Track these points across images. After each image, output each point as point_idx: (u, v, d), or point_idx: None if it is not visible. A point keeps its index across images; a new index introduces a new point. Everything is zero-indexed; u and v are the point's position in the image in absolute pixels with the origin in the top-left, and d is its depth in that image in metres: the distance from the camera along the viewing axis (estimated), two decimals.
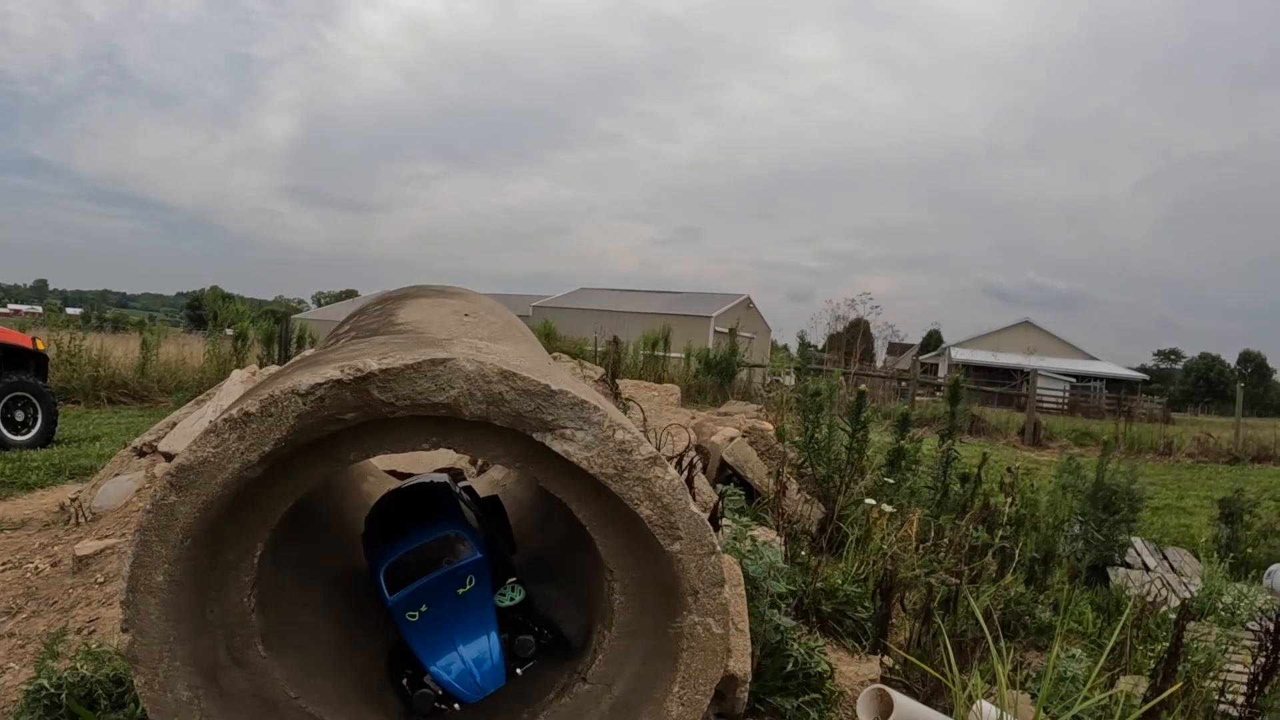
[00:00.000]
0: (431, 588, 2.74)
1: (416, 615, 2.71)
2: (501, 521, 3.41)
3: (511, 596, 2.88)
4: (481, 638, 2.69)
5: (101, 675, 2.96)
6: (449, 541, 2.83)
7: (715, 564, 2.26)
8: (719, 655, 2.34)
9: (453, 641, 2.68)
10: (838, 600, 4.30)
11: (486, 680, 2.65)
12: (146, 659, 1.96)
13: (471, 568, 2.79)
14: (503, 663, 2.69)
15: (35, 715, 2.87)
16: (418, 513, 2.98)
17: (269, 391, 1.95)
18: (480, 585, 2.79)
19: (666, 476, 2.18)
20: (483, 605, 2.77)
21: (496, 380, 2.08)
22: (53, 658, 3.25)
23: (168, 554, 1.94)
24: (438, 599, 2.74)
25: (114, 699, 2.91)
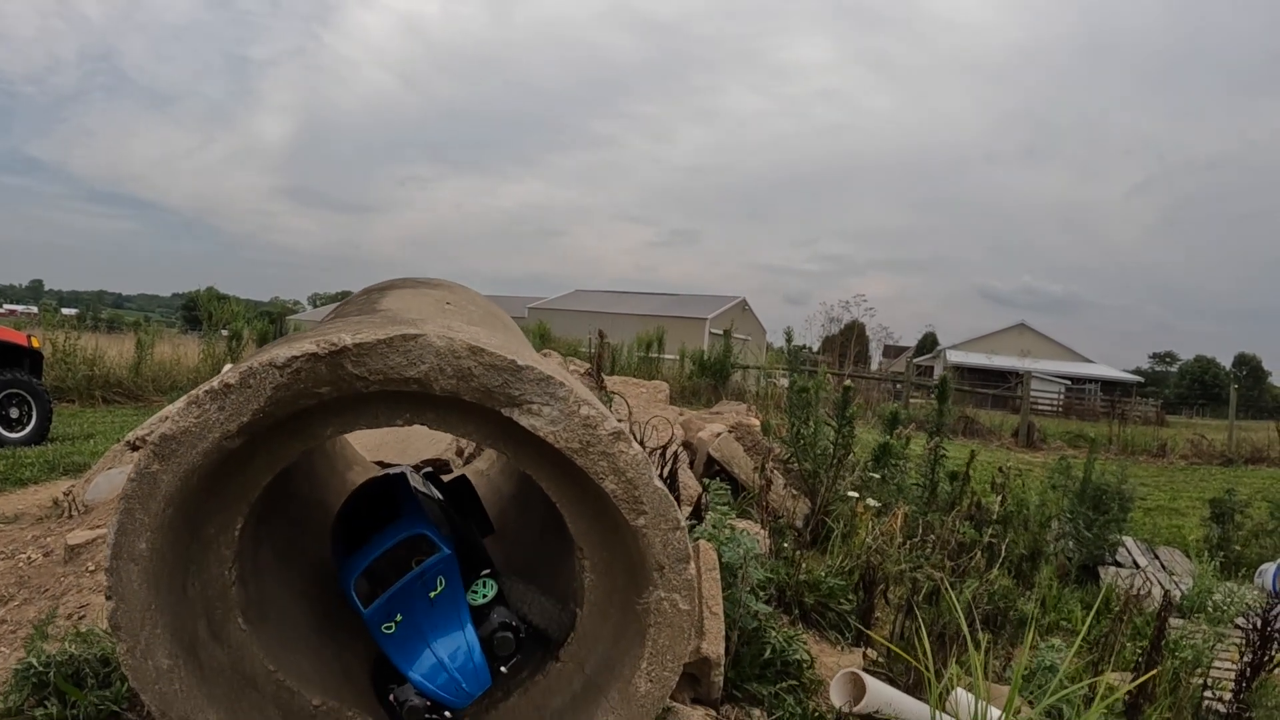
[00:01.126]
0: (402, 595, 2.67)
1: (393, 627, 2.65)
2: (472, 503, 3.36)
3: (484, 593, 2.77)
4: (459, 640, 2.63)
5: (89, 655, 3.00)
6: (413, 543, 2.73)
7: (680, 539, 2.31)
8: (686, 632, 2.38)
9: (431, 648, 2.62)
10: (820, 593, 4.33)
11: (471, 683, 2.60)
12: (128, 626, 2.00)
13: (440, 567, 2.72)
14: (485, 663, 2.63)
15: (24, 693, 2.91)
16: (377, 516, 2.88)
17: (248, 364, 2.01)
18: (451, 585, 2.72)
19: (630, 451, 2.22)
20: (456, 606, 2.70)
21: (465, 355, 2.13)
22: (42, 639, 3.30)
23: (150, 522, 1.99)
24: (411, 606, 2.68)
25: (100, 678, 2.95)
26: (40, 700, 2.88)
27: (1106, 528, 9.70)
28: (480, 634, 2.65)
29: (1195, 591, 6.99)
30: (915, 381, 23.44)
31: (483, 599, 2.74)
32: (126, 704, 2.88)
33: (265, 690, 2.40)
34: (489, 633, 2.66)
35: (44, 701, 2.85)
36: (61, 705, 2.82)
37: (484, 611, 2.71)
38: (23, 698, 2.91)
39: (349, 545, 2.82)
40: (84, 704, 2.81)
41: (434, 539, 2.73)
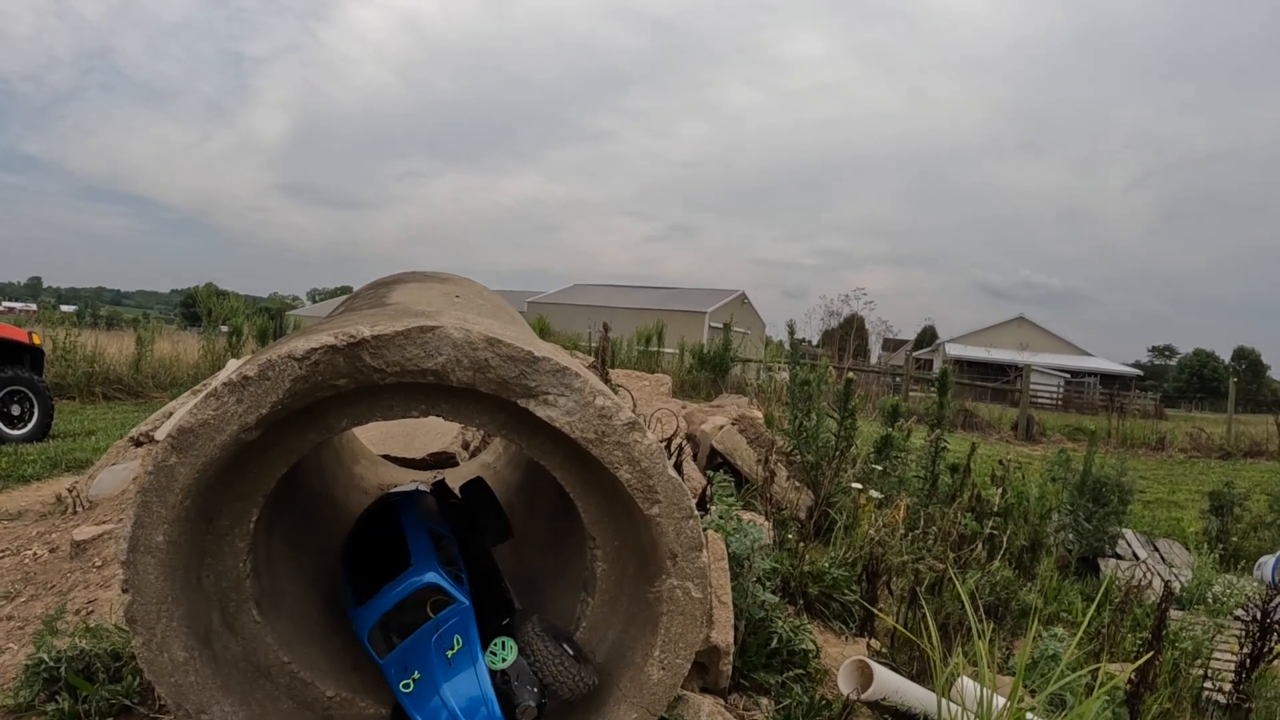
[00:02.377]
0: (417, 649, 2.60)
1: (411, 685, 2.57)
2: (489, 507, 3.25)
3: (503, 656, 2.65)
4: (480, 706, 2.53)
5: (100, 650, 3.00)
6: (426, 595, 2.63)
7: (693, 528, 2.33)
8: (698, 620, 2.40)
9: (450, 711, 2.52)
10: (825, 584, 4.35)
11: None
12: (144, 619, 2.02)
13: (455, 622, 2.62)
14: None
15: (34, 689, 2.92)
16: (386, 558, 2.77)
17: (266, 356, 2.03)
18: (469, 643, 2.63)
19: (645, 441, 2.25)
20: (474, 666, 2.60)
21: (483, 347, 2.15)
22: (52, 635, 3.30)
23: (167, 514, 2.00)
24: (427, 664, 2.59)
25: (111, 673, 2.95)
26: (51, 695, 2.88)
27: (1106, 520, 9.73)
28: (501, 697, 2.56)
29: (1195, 583, 7.02)
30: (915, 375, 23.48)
31: (501, 663, 2.63)
32: (138, 698, 2.89)
33: (279, 681, 2.42)
34: (513, 700, 2.56)
35: (55, 696, 2.85)
36: (73, 700, 2.82)
37: (504, 676, 2.61)
38: (33, 693, 2.91)
39: (358, 589, 2.73)
40: (95, 698, 2.82)
41: (448, 589, 2.63)
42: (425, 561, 2.67)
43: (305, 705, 2.47)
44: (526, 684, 2.56)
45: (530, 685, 2.56)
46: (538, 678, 2.60)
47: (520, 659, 2.63)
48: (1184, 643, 5.70)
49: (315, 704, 2.48)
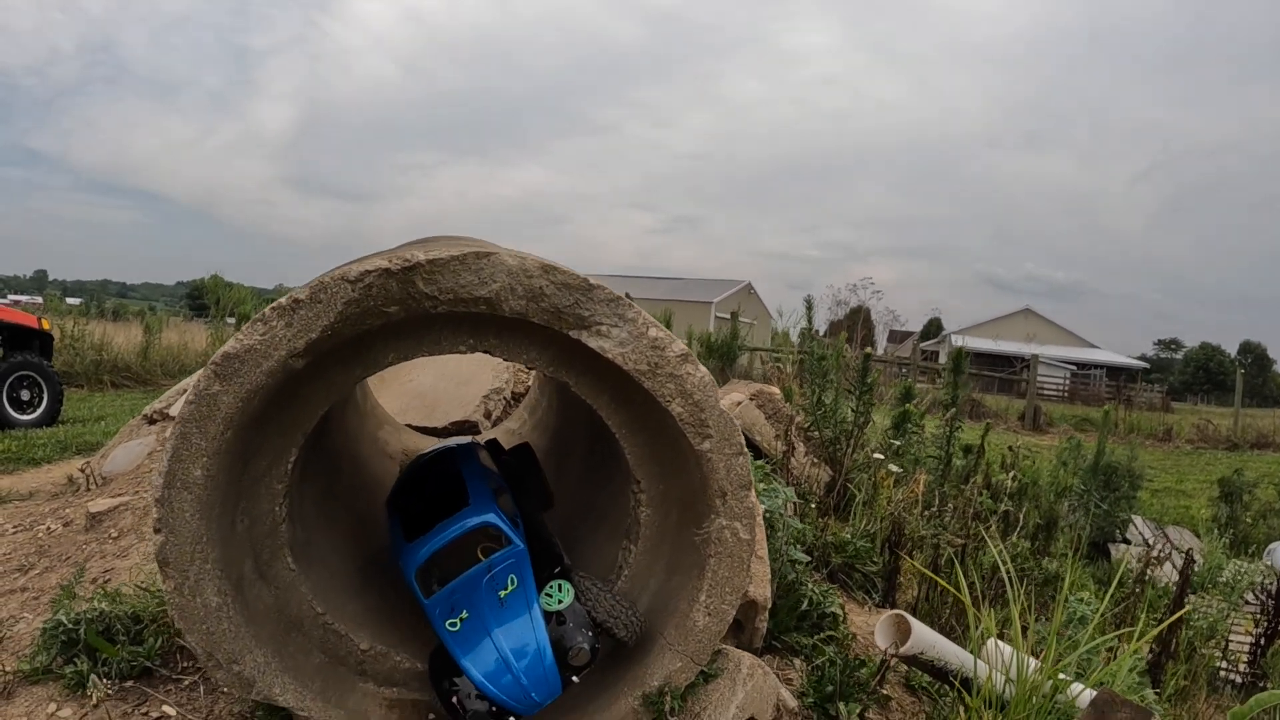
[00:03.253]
0: (467, 589, 2.52)
1: (458, 624, 2.49)
2: (534, 473, 3.17)
3: (559, 598, 2.57)
4: (530, 645, 2.47)
5: (119, 612, 2.93)
6: (481, 532, 2.56)
7: (743, 465, 2.30)
8: (745, 563, 2.37)
9: (498, 650, 2.46)
10: (847, 554, 4.34)
11: (540, 691, 2.45)
12: (177, 561, 1.97)
13: (510, 563, 2.55)
14: (557, 671, 2.47)
15: (52, 652, 2.84)
16: (441, 498, 2.71)
17: (318, 279, 1.99)
18: (524, 585, 2.55)
19: (698, 374, 2.22)
20: (528, 608, 2.53)
21: (538, 274, 2.12)
22: (70, 599, 3.26)
23: (207, 446, 1.96)
24: (477, 603, 2.52)
25: (132, 635, 2.88)
26: (69, 658, 2.81)
27: (1117, 505, 9.73)
28: (554, 641, 2.50)
29: (1205, 568, 7.02)
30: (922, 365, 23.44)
31: (558, 604, 2.57)
32: (159, 660, 2.84)
33: (312, 634, 2.39)
34: (565, 642, 2.50)
35: (73, 659, 2.79)
36: (91, 662, 2.76)
37: (559, 617, 2.55)
38: (51, 657, 2.84)
39: (409, 528, 2.67)
40: (116, 660, 2.75)
41: (505, 530, 2.57)
42: (484, 503, 2.63)
43: (338, 660, 2.44)
44: (580, 626, 2.52)
45: (584, 628, 2.52)
46: (592, 620, 2.55)
47: (576, 602, 2.57)
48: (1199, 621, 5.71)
49: (349, 658, 2.45)
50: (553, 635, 2.50)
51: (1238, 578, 6.50)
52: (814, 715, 2.89)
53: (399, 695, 2.49)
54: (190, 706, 2.67)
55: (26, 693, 2.81)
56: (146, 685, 2.76)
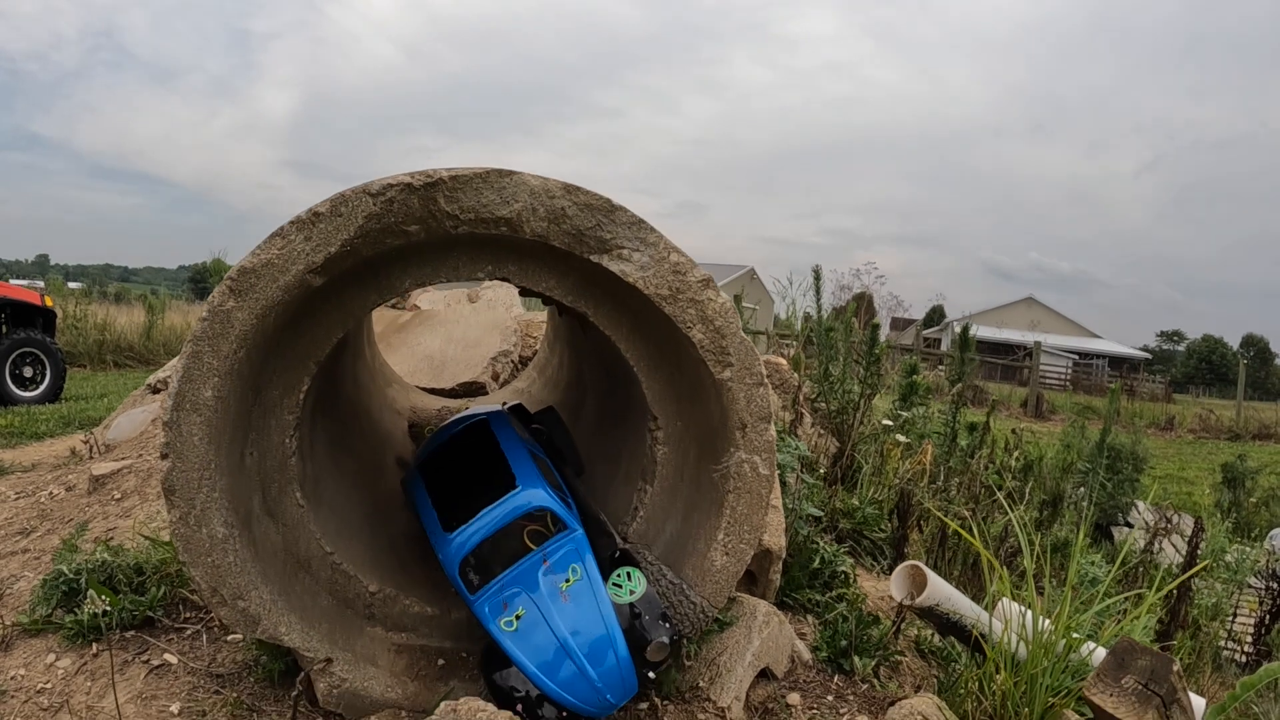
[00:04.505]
0: (521, 583, 2.31)
1: (514, 623, 2.27)
2: (565, 437, 2.95)
3: (630, 588, 2.32)
4: (603, 644, 2.24)
5: (122, 563, 2.90)
6: (532, 519, 2.36)
7: (763, 396, 2.25)
8: (763, 501, 2.32)
9: (570, 654, 2.23)
10: (856, 520, 4.31)
11: (616, 692, 2.24)
12: (184, 488, 1.92)
13: (570, 553, 2.34)
14: (633, 670, 2.25)
15: (53, 602, 2.80)
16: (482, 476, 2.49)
17: (339, 192, 1.95)
18: (589, 576, 2.32)
19: (719, 299, 2.18)
20: (596, 602, 2.29)
21: (560, 195, 2.07)
22: (72, 552, 3.23)
23: (219, 366, 1.91)
24: (536, 599, 2.30)
25: (134, 585, 2.85)
26: (70, 608, 2.78)
27: (1120, 488, 9.70)
28: (628, 635, 2.27)
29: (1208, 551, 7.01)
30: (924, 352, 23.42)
31: (629, 595, 2.32)
32: (161, 610, 2.81)
33: (320, 575, 2.34)
34: (643, 637, 2.27)
35: (74, 609, 2.75)
36: (94, 613, 2.68)
37: (632, 609, 2.31)
38: (51, 607, 2.80)
39: (447, 515, 2.44)
40: (117, 608, 2.70)
41: (559, 512, 2.36)
42: (532, 481, 2.40)
43: (346, 602, 2.39)
44: (657, 618, 2.30)
45: (661, 620, 2.30)
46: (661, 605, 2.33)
47: (650, 589, 2.34)
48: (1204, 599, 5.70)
49: (357, 601, 2.40)
50: (626, 629, 2.27)
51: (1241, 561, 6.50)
52: (828, 669, 2.86)
53: (407, 640, 2.45)
54: (192, 655, 2.64)
55: (25, 644, 2.78)
56: (148, 634, 2.74)
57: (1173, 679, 2.67)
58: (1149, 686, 2.61)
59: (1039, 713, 2.73)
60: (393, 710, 2.33)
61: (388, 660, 2.40)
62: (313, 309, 2.10)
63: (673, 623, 2.31)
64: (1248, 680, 3.12)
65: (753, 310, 23.30)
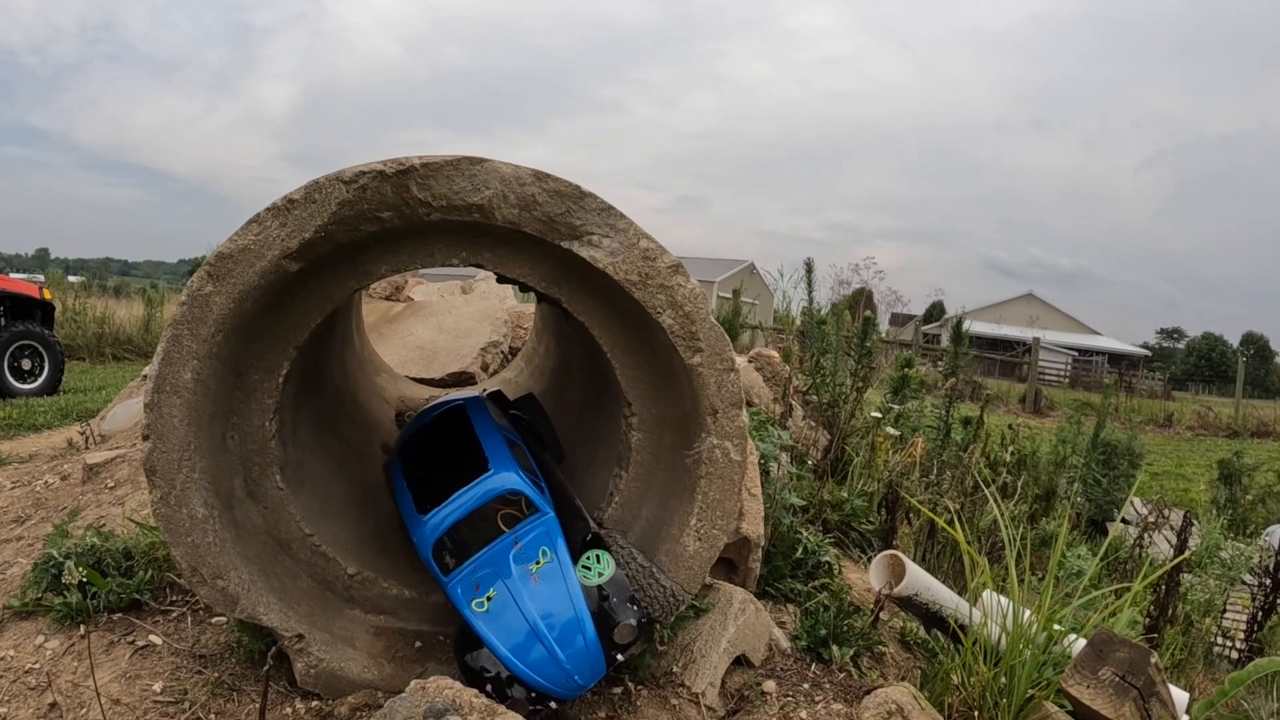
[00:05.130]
0: (493, 564, 2.34)
1: (485, 605, 2.30)
2: (544, 424, 2.98)
3: (599, 570, 2.35)
4: (571, 626, 2.27)
5: (111, 548, 2.94)
6: (506, 502, 2.39)
7: (734, 381, 2.28)
8: (736, 487, 2.35)
9: (538, 634, 2.26)
10: (844, 512, 4.32)
11: (584, 674, 2.26)
12: (164, 469, 1.96)
13: (540, 533, 2.37)
14: (601, 652, 2.28)
15: (42, 585, 2.83)
16: (456, 460, 2.54)
17: (313, 179, 1.99)
18: (559, 559, 2.35)
19: (688, 285, 2.20)
20: (565, 584, 2.32)
21: (530, 181, 2.10)
22: (62, 537, 3.26)
23: (198, 349, 1.95)
24: (506, 581, 2.32)
25: (123, 569, 2.89)
26: (59, 591, 2.80)
27: (1115, 484, 9.72)
28: (596, 617, 2.29)
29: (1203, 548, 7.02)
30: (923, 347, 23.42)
31: (598, 577, 2.35)
32: (149, 594, 2.84)
33: (300, 556, 2.37)
34: (610, 619, 2.29)
35: (63, 592, 2.78)
36: (82, 596, 2.75)
37: (600, 591, 2.33)
38: (41, 590, 2.83)
39: (421, 498, 2.48)
40: (105, 591, 2.74)
41: (530, 495, 2.39)
42: (504, 465, 2.43)
43: (326, 584, 2.42)
44: (625, 600, 2.33)
45: (629, 602, 2.33)
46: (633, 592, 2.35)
47: (618, 572, 2.37)
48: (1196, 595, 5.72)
49: (336, 582, 2.43)
50: (594, 611, 2.30)
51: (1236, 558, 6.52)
52: (806, 658, 2.88)
53: (386, 623, 2.48)
54: (177, 636, 2.67)
55: (15, 627, 2.81)
56: (135, 617, 2.77)
57: (1150, 671, 2.69)
58: (1126, 678, 2.63)
59: (1018, 704, 2.74)
60: (369, 691, 2.35)
61: (366, 642, 2.43)
62: (291, 294, 2.13)
63: (641, 605, 2.34)
64: (1237, 676, 3.14)
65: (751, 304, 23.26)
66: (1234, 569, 6.24)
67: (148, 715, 2.36)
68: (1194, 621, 5.24)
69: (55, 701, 2.45)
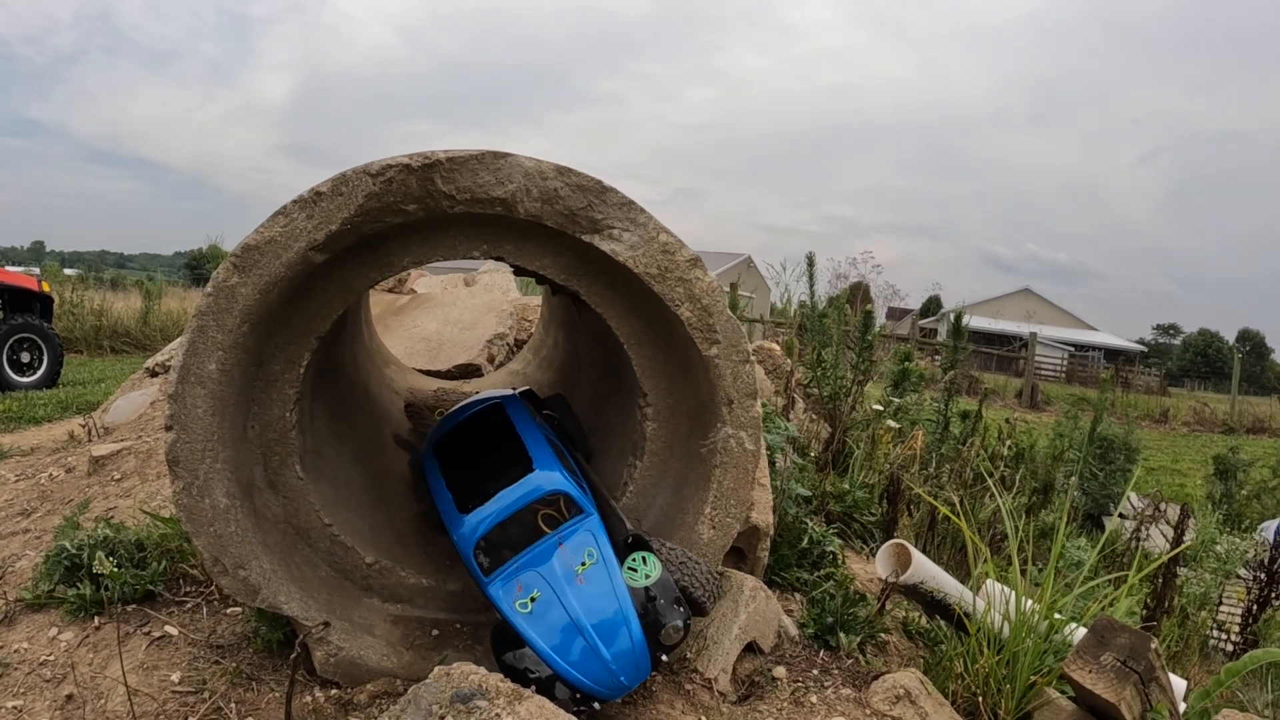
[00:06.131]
0: (536, 565, 2.34)
1: (529, 605, 2.29)
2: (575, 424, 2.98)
3: (645, 572, 2.33)
4: (620, 628, 2.25)
5: (123, 539, 2.95)
6: (544, 502, 2.40)
7: (749, 373, 2.32)
8: (750, 475, 2.39)
9: (585, 636, 2.25)
10: (846, 504, 4.37)
11: (630, 675, 2.25)
12: (188, 459, 1.99)
13: (586, 537, 2.37)
14: (648, 653, 2.27)
15: (54, 578, 2.85)
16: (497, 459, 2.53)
17: (340, 172, 2.03)
18: (604, 559, 2.35)
19: (706, 278, 2.25)
20: (614, 586, 2.31)
21: (553, 176, 2.15)
22: (73, 529, 3.28)
23: (223, 340, 1.98)
24: (552, 582, 2.32)
25: (135, 561, 2.90)
26: (72, 583, 2.83)
27: (1112, 478, 9.77)
28: (643, 618, 2.28)
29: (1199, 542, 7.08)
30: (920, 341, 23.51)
31: (644, 579, 2.33)
32: (162, 584, 2.86)
33: (319, 545, 2.41)
34: (658, 620, 2.28)
35: (76, 583, 2.80)
36: (94, 587, 2.76)
37: (646, 593, 2.32)
38: (53, 583, 2.85)
39: (461, 492, 2.48)
40: (119, 583, 2.74)
41: (576, 497, 2.40)
42: (549, 465, 2.44)
43: (344, 574, 2.46)
44: (672, 601, 2.32)
45: (676, 604, 2.32)
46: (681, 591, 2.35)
47: (665, 574, 2.36)
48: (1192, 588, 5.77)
49: (354, 572, 2.47)
50: (641, 612, 2.29)
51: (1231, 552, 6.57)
52: (814, 645, 2.92)
53: (403, 611, 2.51)
54: (192, 626, 2.69)
55: (28, 619, 2.83)
56: (149, 608, 2.79)
57: (1151, 656, 2.73)
58: (1127, 664, 2.67)
59: (1021, 690, 2.79)
60: (388, 679, 2.39)
61: (384, 630, 2.46)
62: (314, 285, 2.17)
63: (686, 606, 2.34)
64: (1232, 666, 3.19)
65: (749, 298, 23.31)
66: (1229, 563, 6.30)
67: (167, 705, 2.38)
68: (1190, 614, 5.29)
69: (72, 693, 2.47)
